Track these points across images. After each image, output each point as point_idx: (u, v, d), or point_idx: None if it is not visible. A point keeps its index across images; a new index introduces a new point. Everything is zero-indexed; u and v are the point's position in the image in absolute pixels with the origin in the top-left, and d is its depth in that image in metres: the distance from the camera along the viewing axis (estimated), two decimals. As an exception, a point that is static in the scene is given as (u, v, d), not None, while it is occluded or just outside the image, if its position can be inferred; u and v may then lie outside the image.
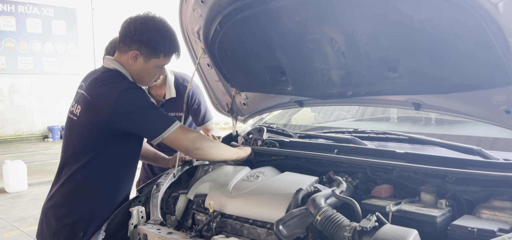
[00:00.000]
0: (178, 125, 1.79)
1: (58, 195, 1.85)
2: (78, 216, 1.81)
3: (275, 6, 1.57)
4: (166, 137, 1.76)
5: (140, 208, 1.80)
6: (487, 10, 1.18)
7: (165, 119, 1.79)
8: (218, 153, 1.94)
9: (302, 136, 2.24)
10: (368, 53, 1.54)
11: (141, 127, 1.78)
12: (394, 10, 1.35)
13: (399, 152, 1.71)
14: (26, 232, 4.84)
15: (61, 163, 1.91)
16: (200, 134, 1.92)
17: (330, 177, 1.75)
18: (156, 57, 1.86)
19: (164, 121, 1.78)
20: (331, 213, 1.41)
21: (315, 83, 1.79)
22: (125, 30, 1.84)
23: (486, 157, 1.60)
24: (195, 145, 1.83)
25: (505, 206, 1.42)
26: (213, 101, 2.40)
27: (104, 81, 1.80)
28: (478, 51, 1.33)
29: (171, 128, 1.77)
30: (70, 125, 1.88)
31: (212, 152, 1.91)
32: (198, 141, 1.85)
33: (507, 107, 1.49)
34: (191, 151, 1.86)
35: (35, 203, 6.08)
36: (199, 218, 1.81)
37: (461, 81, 1.46)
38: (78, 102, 1.85)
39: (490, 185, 1.50)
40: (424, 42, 1.40)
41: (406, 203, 1.53)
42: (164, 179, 2.04)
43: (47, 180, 7.60)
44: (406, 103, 1.75)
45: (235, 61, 2.01)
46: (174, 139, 1.79)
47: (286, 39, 1.71)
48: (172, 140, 1.78)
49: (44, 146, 13.08)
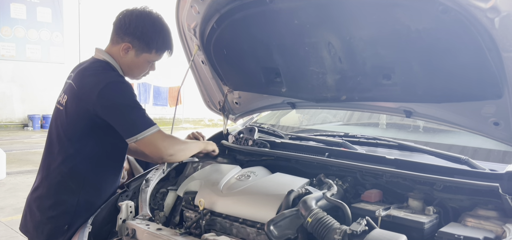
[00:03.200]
0: (156, 129, 1.74)
1: (43, 187, 1.81)
2: (63, 209, 1.77)
3: (274, 7, 1.58)
4: (140, 138, 1.71)
5: (129, 203, 1.78)
6: (483, 24, 1.21)
7: (144, 121, 1.73)
8: (187, 154, 1.93)
9: (293, 138, 2.25)
10: (364, 60, 1.56)
11: (119, 122, 1.73)
12: (393, 19, 1.37)
13: (389, 158, 1.74)
14: (4, 221, 4.72)
15: (46, 153, 1.87)
16: (173, 138, 1.86)
17: (320, 179, 1.77)
18: (148, 53, 1.84)
19: (143, 122, 1.73)
20: (321, 216, 1.42)
21: (309, 86, 1.80)
22: (120, 22, 1.81)
23: (473, 167, 1.64)
24: (169, 151, 1.80)
25: (490, 215, 1.45)
26: (205, 98, 2.39)
27: (91, 72, 1.77)
28: (472, 63, 1.36)
29: (148, 131, 1.72)
30: (57, 115, 1.84)
31: (182, 155, 1.90)
32: (171, 147, 1.81)
33: (496, 119, 1.53)
34: (165, 157, 1.83)
35: (13, 192, 5.95)
36: (188, 215, 1.80)
37: (453, 92, 1.50)
38: (65, 92, 1.82)
39: (476, 194, 1.54)
40: (420, 52, 1.43)
41: (394, 208, 1.55)
42: (153, 174, 2.02)
43: (26, 170, 7.44)
44: (398, 110, 1.78)
45: (230, 60, 2.01)
46: (149, 143, 1.74)
47: (283, 41, 1.72)
48: (147, 143, 1.73)
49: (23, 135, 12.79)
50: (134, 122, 1.72)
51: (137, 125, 1.72)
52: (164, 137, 1.79)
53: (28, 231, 1.84)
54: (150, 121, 1.76)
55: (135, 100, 1.76)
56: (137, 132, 1.71)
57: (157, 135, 1.75)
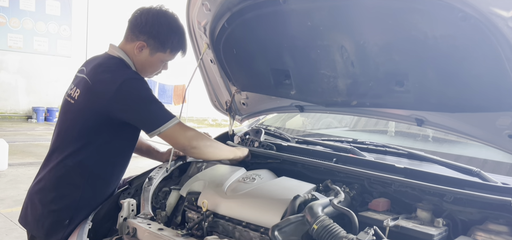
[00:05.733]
0: (176, 121, 1.76)
1: (46, 179, 1.79)
2: (65, 203, 1.75)
3: (287, 8, 1.55)
4: (163, 131, 1.73)
5: (131, 201, 1.75)
6: (503, 34, 1.17)
7: (164, 113, 1.75)
8: (215, 152, 1.92)
9: (299, 141, 2.21)
10: (377, 65, 1.53)
11: (139, 118, 1.75)
12: (410, 25, 1.34)
13: (398, 167, 1.70)
14: (3, 213, 4.71)
15: (53, 146, 1.85)
16: (198, 132, 1.88)
17: (327, 185, 1.73)
18: (163, 52, 1.85)
19: (163, 115, 1.74)
20: (328, 223, 1.38)
21: (320, 89, 1.77)
22: (136, 20, 1.82)
23: (485, 179, 1.60)
24: (192, 143, 1.81)
25: (501, 230, 1.41)
26: (212, 98, 2.37)
27: (107, 68, 1.77)
28: (489, 73, 1.32)
29: (169, 123, 1.74)
30: (66, 108, 1.83)
31: (209, 151, 1.89)
32: (195, 139, 1.82)
33: (510, 132, 1.49)
34: (187, 149, 1.84)
35: (14, 184, 5.94)
36: (190, 216, 1.77)
37: (468, 102, 1.46)
38: (77, 86, 1.80)
39: (487, 207, 1.50)
40: (436, 59, 1.39)
41: (402, 218, 1.52)
42: (156, 172, 2.00)
43: (28, 162, 7.45)
44: (409, 118, 1.75)
45: (240, 60, 1.98)
46: (171, 135, 1.76)
47: (295, 42, 1.68)
48: (169, 135, 1.75)
49: (27, 126, 12.83)
50: (154, 116, 1.73)
51: (158, 118, 1.73)
52: (186, 128, 1.81)
53: (28, 224, 1.81)
54: (170, 113, 1.77)
55: (153, 95, 1.77)
56: (159, 125, 1.72)
57: (178, 126, 1.77)
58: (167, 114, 1.76)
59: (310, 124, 3.05)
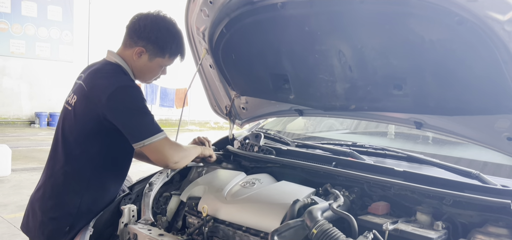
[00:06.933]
0: (163, 136, 1.72)
1: (46, 187, 1.80)
2: (65, 210, 1.76)
3: (285, 13, 1.55)
4: (147, 144, 1.69)
5: (131, 207, 1.76)
6: (500, 37, 1.18)
7: (152, 127, 1.72)
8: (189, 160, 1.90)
9: (299, 145, 2.22)
10: (375, 69, 1.53)
11: (127, 126, 1.71)
12: (406, 29, 1.34)
13: (397, 170, 1.70)
14: (7, 218, 4.73)
15: (51, 153, 1.85)
16: (178, 146, 1.83)
17: (326, 189, 1.73)
18: (161, 57, 1.84)
19: (151, 128, 1.71)
20: (327, 227, 1.38)
21: (318, 94, 1.77)
22: (134, 26, 1.81)
23: (484, 182, 1.59)
24: (174, 158, 1.77)
25: (501, 233, 1.41)
26: (212, 102, 2.37)
27: (103, 74, 1.76)
28: (487, 76, 1.32)
29: (155, 137, 1.70)
30: (65, 114, 1.83)
31: (185, 161, 1.87)
32: (176, 154, 1.78)
33: (509, 134, 1.49)
34: (170, 165, 1.79)
35: (17, 189, 5.96)
36: (191, 221, 1.77)
37: (466, 105, 1.46)
38: (75, 93, 1.81)
39: (486, 210, 1.49)
40: (433, 63, 1.39)
41: (402, 222, 1.52)
42: (157, 178, 2.00)
43: (31, 167, 7.47)
44: (408, 122, 1.75)
45: (239, 65, 1.98)
46: (155, 149, 1.71)
47: (293, 47, 1.69)
48: (153, 149, 1.71)
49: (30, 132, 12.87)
50: (142, 127, 1.70)
51: (145, 130, 1.70)
52: (170, 144, 1.76)
53: (29, 231, 1.82)
54: (158, 127, 1.74)
55: (145, 106, 1.74)
56: (144, 138, 1.69)
57: (163, 142, 1.72)
58: (154, 128, 1.72)
59: (311, 126, 3.05)
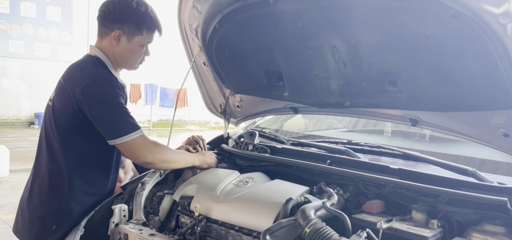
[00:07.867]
0: (138, 134, 1.66)
1: (33, 185, 1.79)
2: (50, 208, 1.73)
3: (277, 9, 1.53)
4: (119, 143, 1.64)
5: (122, 206, 1.74)
6: (495, 31, 1.15)
7: (126, 124, 1.65)
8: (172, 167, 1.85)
9: (294, 143, 2.19)
10: (370, 65, 1.51)
11: (100, 122, 1.66)
12: (400, 24, 1.32)
13: (392, 168, 1.68)
14: (4, 219, 4.71)
15: (38, 152, 1.84)
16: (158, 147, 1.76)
17: (321, 187, 1.71)
18: (140, 34, 1.79)
19: (124, 126, 1.65)
20: (320, 226, 1.36)
21: (313, 91, 1.75)
22: (104, 12, 1.77)
23: (480, 179, 1.57)
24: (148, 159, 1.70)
25: (497, 231, 1.39)
26: (206, 101, 2.35)
27: (79, 66, 1.74)
28: (482, 71, 1.30)
29: (129, 136, 1.64)
30: (47, 111, 1.82)
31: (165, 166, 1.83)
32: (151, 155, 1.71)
33: (505, 131, 1.46)
34: (144, 165, 1.74)
35: (15, 190, 5.94)
36: (184, 221, 1.75)
37: (461, 101, 1.44)
38: (55, 89, 1.80)
39: (483, 208, 1.47)
40: (428, 58, 1.37)
41: (397, 220, 1.49)
42: (149, 177, 1.98)
43: (29, 168, 7.36)
44: (403, 118, 1.72)
45: (232, 62, 1.96)
46: (128, 148, 1.65)
47: (286, 44, 1.67)
48: (126, 148, 1.66)
49: (29, 133, 12.86)
50: (115, 124, 1.65)
51: (118, 128, 1.65)
52: (145, 144, 1.69)
53: (18, 231, 1.81)
54: (133, 125, 1.67)
55: (119, 101, 1.68)
56: (117, 136, 1.64)
57: (138, 141, 1.66)
58: (128, 126, 1.65)
59: (311, 124, 3.03)
